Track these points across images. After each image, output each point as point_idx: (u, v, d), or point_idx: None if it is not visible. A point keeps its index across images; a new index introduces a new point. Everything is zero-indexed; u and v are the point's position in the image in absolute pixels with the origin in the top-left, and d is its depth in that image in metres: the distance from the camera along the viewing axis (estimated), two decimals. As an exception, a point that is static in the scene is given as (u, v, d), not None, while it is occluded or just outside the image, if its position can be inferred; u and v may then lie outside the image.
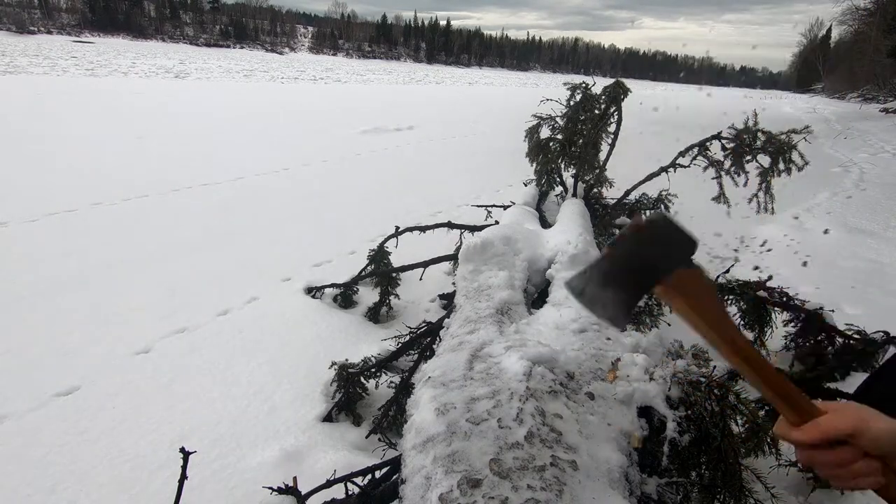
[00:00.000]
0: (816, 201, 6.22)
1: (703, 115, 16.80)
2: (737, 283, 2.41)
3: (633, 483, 0.95)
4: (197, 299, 2.86)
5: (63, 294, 2.82)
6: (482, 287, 1.70)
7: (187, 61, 29.99)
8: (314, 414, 1.99)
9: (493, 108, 15.68)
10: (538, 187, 3.44)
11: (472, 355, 1.22)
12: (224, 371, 2.22)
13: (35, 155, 5.70)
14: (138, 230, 3.84)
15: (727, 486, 1.17)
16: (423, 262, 2.73)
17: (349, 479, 1.29)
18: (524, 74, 78.72)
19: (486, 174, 6.47)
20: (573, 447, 0.92)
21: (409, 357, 2.18)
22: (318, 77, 26.51)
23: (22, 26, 52.26)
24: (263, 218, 4.35)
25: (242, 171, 5.79)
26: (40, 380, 2.11)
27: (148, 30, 71.44)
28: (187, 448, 1.19)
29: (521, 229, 2.10)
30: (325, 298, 2.95)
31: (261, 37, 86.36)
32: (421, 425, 0.98)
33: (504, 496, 0.78)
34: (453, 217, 3.56)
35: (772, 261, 4.06)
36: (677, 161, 2.92)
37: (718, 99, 32.40)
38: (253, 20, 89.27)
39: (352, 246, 3.79)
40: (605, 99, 3.07)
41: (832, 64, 49.09)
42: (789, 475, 1.66)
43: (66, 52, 27.64)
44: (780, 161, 2.55)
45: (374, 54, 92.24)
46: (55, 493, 1.61)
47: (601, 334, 1.40)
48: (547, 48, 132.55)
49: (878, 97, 29.20)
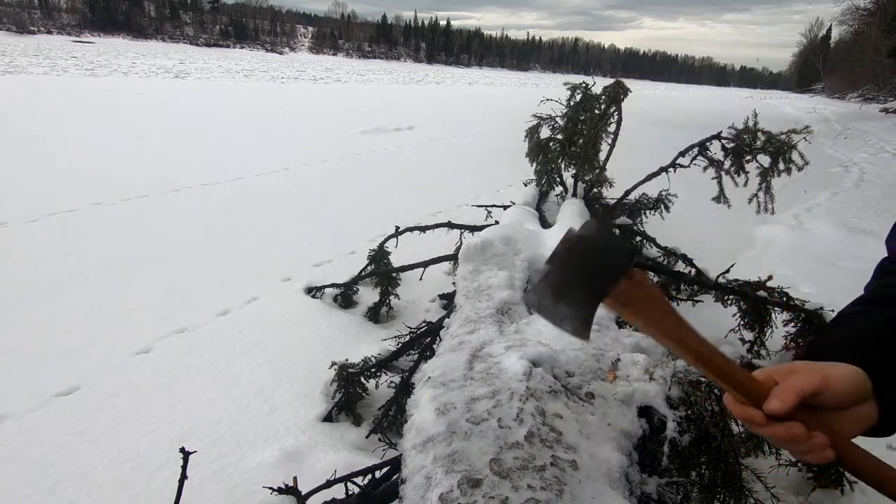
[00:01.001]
0: (816, 201, 6.22)
1: (703, 115, 16.81)
2: (737, 283, 2.41)
3: (633, 483, 0.95)
4: (197, 299, 2.86)
5: (63, 294, 2.82)
6: (482, 287, 1.70)
7: (187, 61, 29.99)
8: (314, 414, 1.99)
9: (493, 108, 15.68)
10: (538, 187, 3.45)
11: (472, 355, 1.22)
12: (224, 371, 2.22)
13: (35, 155, 5.70)
14: (138, 230, 3.84)
15: (727, 486, 1.17)
16: (423, 262, 2.73)
17: (349, 479, 1.29)
18: (524, 74, 78.72)
19: (486, 174, 6.47)
20: (573, 447, 0.92)
21: (409, 357, 2.18)
22: (318, 77, 26.51)
23: (22, 26, 52.26)
24: (263, 218, 4.35)
25: (242, 171, 5.79)
26: (40, 380, 2.11)
27: (148, 30, 71.44)
28: (187, 448, 1.19)
29: (521, 229, 2.10)
30: (325, 298, 2.95)
31: (261, 37, 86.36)
32: (421, 425, 0.98)
33: (504, 496, 0.78)
34: (453, 217, 3.56)
35: (772, 261, 4.06)
36: (677, 161, 2.92)
37: (719, 99, 32.40)
38: (253, 20, 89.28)
39: (352, 246, 3.79)
40: (605, 99, 3.07)
41: (832, 64, 49.12)
42: (789, 475, 1.66)
43: (66, 52, 27.63)
44: (780, 161, 2.55)
45: (374, 54, 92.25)
46: (55, 493, 1.60)
47: (601, 334, 1.40)
48: (547, 48, 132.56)
49: (879, 97, 29.21)
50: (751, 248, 4.41)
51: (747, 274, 2.60)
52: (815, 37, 69.40)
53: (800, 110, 24.18)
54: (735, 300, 2.39)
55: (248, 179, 5.52)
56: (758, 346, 2.40)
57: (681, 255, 3.08)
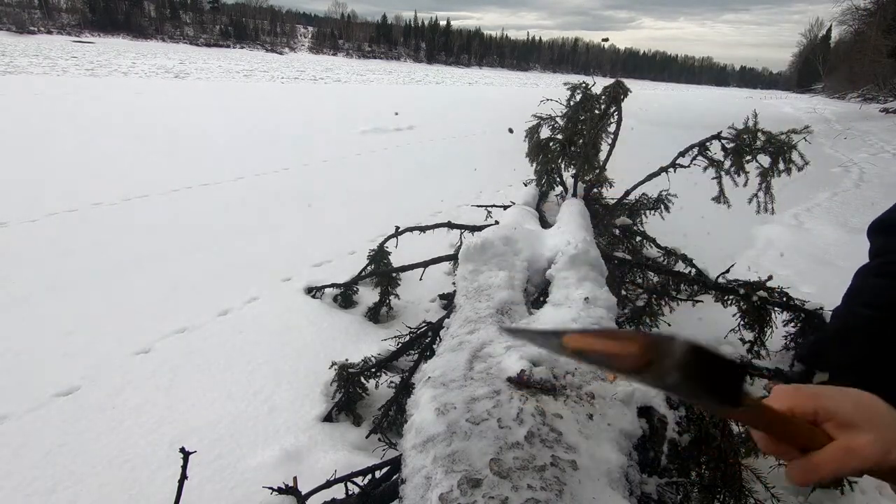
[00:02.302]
0: (816, 201, 6.22)
1: (703, 115, 16.80)
2: (737, 283, 2.41)
3: (633, 483, 0.95)
4: (197, 299, 2.86)
5: (63, 294, 2.82)
6: (482, 287, 1.70)
7: (187, 61, 29.98)
8: (314, 414, 1.99)
9: (493, 108, 15.67)
10: (538, 187, 3.44)
11: (472, 355, 1.22)
12: (224, 371, 2.22)
13: (35, 155, 5.70)
14: (138, 230, 3.84)
15: (727, 486, 1.17)
16: (423, 262, 2.73)
17: (349, 479, 1.29)
18: (524, 74, 78.70)
19: (486, 174, 6.47)
20: (573, 447, 0.92)
21: (409, 357, 2.18)
22: (318, 77, 26.50)
23: (22, 26, 52.24)
24: (263, 218, 4.35)
25: (242, 171, 5.79)
26: (40, 380, 2.11)
27: (148, 30, 71.41)
28: (187, 448, 1.19)
29: (521, 229, 2.10)
30: (325, 298, 2.95)
31: (261, 37, 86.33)
32: (421, 425, 0.98)
33: (504, 496, 0.78)
34: (453, 217, 3.56)
35: (772, 261, 4.06)
36: (677, 161, 2.91)
37: (719, 99, 32.39)
38: (253, 20, 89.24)
39: (352, 246, 3.79)
40: (605, 99, 3.06)
41: (832, 64, 49.11)
42: (789, 475, 1.66)
43: (67, 52, 27.62)
44: (781, 161, 2.54)
45: (374, 54, 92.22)
46: (55, 493, 1.60)
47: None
48: (547, 48, 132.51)
49: (879, 97, 29.21)
50: (751, 248, 4.41)
51: (747, 274, 2.60)
52: (815, 37, 69.42)
53: (800, 110, 24.18)
54: (735, 300, 2.39)
55: (248, 179, 5.52)
56: (758, 346, 2.39)
57: (681, 255, 3.08)
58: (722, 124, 2.77)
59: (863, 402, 0.45)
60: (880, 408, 0.45)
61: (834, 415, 0.44)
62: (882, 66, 26.60)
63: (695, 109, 20.47)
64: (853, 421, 0.43)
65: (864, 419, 0.43)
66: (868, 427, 0.43)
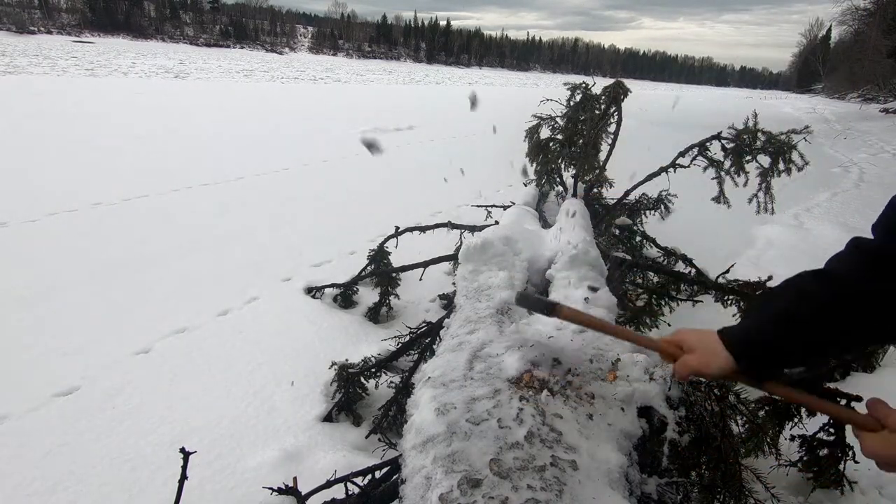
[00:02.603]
0: (816, 201, 6.22)
1: (703, 114, 16.80)
2: (737, 283, 2.41)
3: (633, 483, 0.95)
4: (197, 299, 2.86)
5: (63, 294, 2.82)
6: (482, 287, 1.70)
7: (187, 61, 29.99)
8: (314, 414, 1.99)
9: (493, 108, 15.67)
10: (538, 187, 3.44)
11: (472, 355, 1.22)
12: (224, 371, 2.22)
13: (35, 155, 5.70)
14: (139, 230, 3.84)
15: (727, 486, 1.17)
16: (423, 262, 2.73)
17: (349, 480, 1.29)
18: (524, 74, 78.70)
19: (487, 174, 6.47)
20: (573, 447, 0.92)
21: (409, 357, 2.18)
22: (318, 77, 26.51)
23: (22, 26, 52.26)
24: (263, 218, 4.35)
25: (242, 171, 5.79)
26: (40, 380, 2.11)
27: (148, 30, 71.46)
28: (187, 448, 1.19)
29: (521, 229, 2.09)
30: (325, 298, 2.95)
31: (261, 37, 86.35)
32: (421, 425, 0.98)
33: (504, 496, 0.78)
34: (453, 217, 3.56)
35: (772, 261, 4.06)
36: (677, 161, 2.91)
37: (719, 99, 32.39)
38: (253, 20, 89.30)
39: (352, 246, 3.79)
40: (605, 99, 3.06)
41: (832, 64, 49.11)
42: (789, 475, 1.66)
43: (66, 52, 27.64)
44: (780, 161, 2.54)
45: (374, 54, 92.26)
46: (55, 493, 1.60)
47: (601, 335, 1.40)
48: (547, 48, 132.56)
49: (879, 97, 29.22)
50: (751, 248, 4.41)
51: (747, 274, 2.60)
52: (815, 37, 69.43)
53: (800, 110, 24.19)
54: (735, 300, 2.39)
55: (248, 179, 5.53)
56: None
57: (681, 255, 3.08)
58: (722, 124, 2.77)
59: (702, 338, 0.82)
60: (710, 341, 0.81)
61: (685, 343, 0.85)
62: (882, 67, 26.61)
63: (695, 109, 20.48)
64: (692, 347, 0.83)
65: (697, 346, 0.82)
66: (698, 351, 0.82)
